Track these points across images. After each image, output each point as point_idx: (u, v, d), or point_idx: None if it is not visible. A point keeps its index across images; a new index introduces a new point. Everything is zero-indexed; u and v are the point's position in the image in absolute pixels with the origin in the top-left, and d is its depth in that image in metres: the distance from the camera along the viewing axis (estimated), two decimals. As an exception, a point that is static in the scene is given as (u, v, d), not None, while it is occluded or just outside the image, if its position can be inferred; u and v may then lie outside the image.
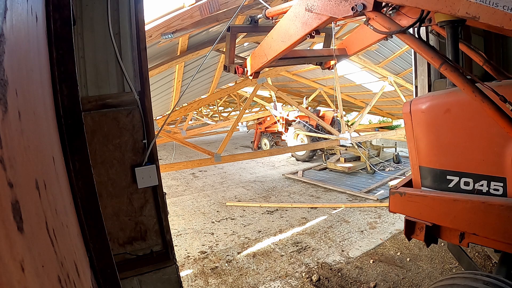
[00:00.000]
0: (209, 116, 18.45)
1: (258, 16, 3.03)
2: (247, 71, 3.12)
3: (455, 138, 2.05)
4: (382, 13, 1.82)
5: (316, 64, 3.42)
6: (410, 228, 2.29)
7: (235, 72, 3.19)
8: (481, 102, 1.57)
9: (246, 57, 3.21)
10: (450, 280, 1.93)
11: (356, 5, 1.80)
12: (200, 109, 16.38)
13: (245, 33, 4.71)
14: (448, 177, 2.09)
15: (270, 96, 11.72)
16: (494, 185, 1.89)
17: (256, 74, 3.10)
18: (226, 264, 4.27)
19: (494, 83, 2.02)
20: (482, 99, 1.56)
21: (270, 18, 2.97)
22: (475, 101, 1.59)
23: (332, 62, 3.33)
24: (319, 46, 6.26)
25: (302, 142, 10.27)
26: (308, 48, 6.55)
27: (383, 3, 1.85)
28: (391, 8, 2.26)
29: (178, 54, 5.00)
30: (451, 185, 2.08)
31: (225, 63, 3.28)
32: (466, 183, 2.01)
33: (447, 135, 2.08)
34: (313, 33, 2.23)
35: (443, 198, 2.06)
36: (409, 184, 2.41)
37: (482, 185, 1.95)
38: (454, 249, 3.16)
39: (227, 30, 2.99)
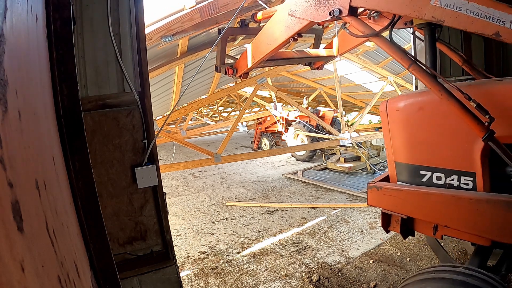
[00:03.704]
0: (209, 116, 18.45)
1: (247, 20, 3.23)
2: (236, 71, 3.26)
3: (428, 135, 2.14)
4: (357, 18, 1.95)
5: (305, 65, 3.55)
6: (386, 221, 2.41)
7: (226, 73, 3.33)
8: (447, 100, 1.67)
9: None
10: (419, 276, 1.98)
11: (333, 10, 1.95)
12: (200, 109, 16.38)
13: (243, 36, 4.75)
14: (421, 172, 2.18)
15: (270, 96, 11.72)
16: (464, 179, 1.98)
17: (245, 74, 3.26)
18: (226, 264, 4.27)
19: (467, 82, 2.11)
20: (448, 97, 1.66)
21: (258, 22, 3.16)
22: (442, 99, 1.69)
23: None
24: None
25: (302, 142, 10.27)
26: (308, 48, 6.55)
27: (359, 8, 1.97)
28: (374, 11, 2.39)
29: (178, 55, 5.01)
30: (424, 179, 2.17)
31: (216, 64, 3.41)
32: (438, 178, 2.10)
33: (420, 132, 2.18)
34: (296, 36, 2.39)
35: (416, 192, 2.15)
36: (386, 179, 2.51)
37: (453, 180, 2.03)
38: (432, 242, 3.23)
39: (218, 32, 3.13)
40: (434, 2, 1.57)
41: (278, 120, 10.64)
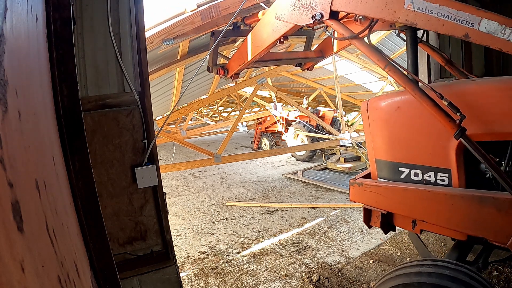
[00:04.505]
0: (209, 116, 18.44)
1: (239, 23, 3.40)
2: (228, 72, 3.36)
3: (406, 133, 2.22)
4: (337, 21, 2.05)
5: (296, 66, 3.66)
6: (368, 216, 2.48)
7: (217, 73, 3.44)
8: (420, 99, 1.74)
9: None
10: (383, 279, 2.02)
11: (315, 14, 2.06)
12: (200, 109, 16.37)
13: (243, 37, 4.82)
14: (400, 168, 2.26)
15: (270, 96, 11.72)
16: (440, 176, 2.05)
17: (235, 75, 3.37)
18: (226, 264, 4.27)
19: (445, 82, 2.19)
20: (421, 96, 1.73)
21: (249, 25, 3.30)
22: (415, 98, 1.77)
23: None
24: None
25: (302, 142, 10.27)
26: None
27: (339, 12, 2.07)
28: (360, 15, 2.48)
29: (179, 57, 5.01)
30: (402, 176, 2.24)
31: (208, 64, 3.51)
32: (416, 174, 2.17)
33: (399, 130, 2.26)
34: (282, 38, 2.51)
35: (395, 188, 2.24)
36: (368, 176, 2.59)
37: (429, 176, 2.10)
38: (413, 237, 3.30)
39: (211, 35, 3.26)
40: (408, 6, 1.64)
41: (278, 120, 10.64)
